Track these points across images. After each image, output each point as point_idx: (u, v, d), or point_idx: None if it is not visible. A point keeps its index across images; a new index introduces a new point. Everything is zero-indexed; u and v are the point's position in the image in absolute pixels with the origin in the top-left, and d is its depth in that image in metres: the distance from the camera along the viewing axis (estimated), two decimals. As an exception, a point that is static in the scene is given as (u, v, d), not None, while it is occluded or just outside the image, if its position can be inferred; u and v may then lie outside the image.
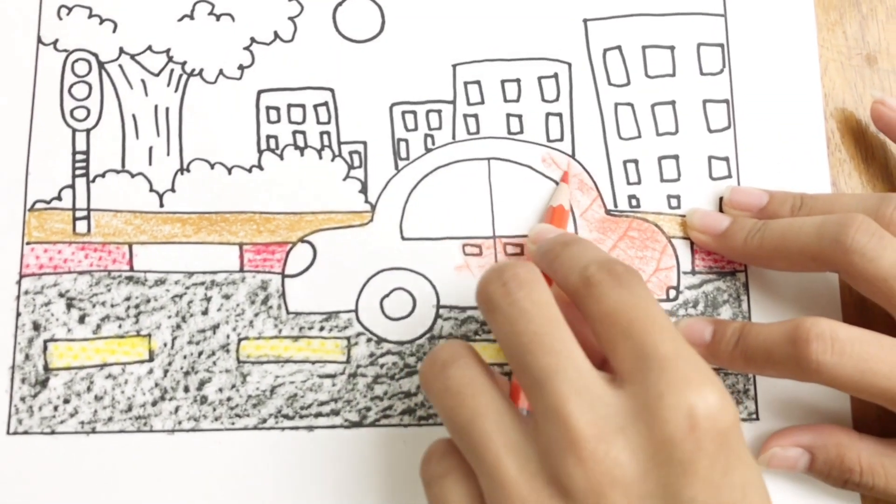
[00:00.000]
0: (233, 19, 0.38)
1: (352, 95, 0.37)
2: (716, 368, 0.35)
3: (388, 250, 0.36)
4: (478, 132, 0.37)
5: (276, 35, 0.38)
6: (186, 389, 0.35)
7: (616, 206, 0.37)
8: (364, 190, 0.37)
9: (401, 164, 0.37)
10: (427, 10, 0.38)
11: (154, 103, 0.37)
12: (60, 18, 0.38)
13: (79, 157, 0.37)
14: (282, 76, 0.37)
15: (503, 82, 0.38)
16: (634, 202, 0.37)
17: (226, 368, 0.35)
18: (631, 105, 0.38)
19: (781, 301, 0.36)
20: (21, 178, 0.36)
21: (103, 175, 0.36)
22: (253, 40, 0.38)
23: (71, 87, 0.37)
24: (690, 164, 0.37)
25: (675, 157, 0.37)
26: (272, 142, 0.37)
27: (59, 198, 0.36)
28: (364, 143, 0.37)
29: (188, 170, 0.37)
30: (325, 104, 0.37)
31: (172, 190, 0.36)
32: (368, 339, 0.35)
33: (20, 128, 0.37)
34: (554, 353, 0.26)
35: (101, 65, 0.37)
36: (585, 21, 0.38)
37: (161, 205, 0.36)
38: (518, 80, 0.38)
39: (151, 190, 0.36)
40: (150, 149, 0.37)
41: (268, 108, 0.37)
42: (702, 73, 0.38)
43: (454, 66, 0.38)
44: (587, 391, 0.25)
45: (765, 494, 0.26)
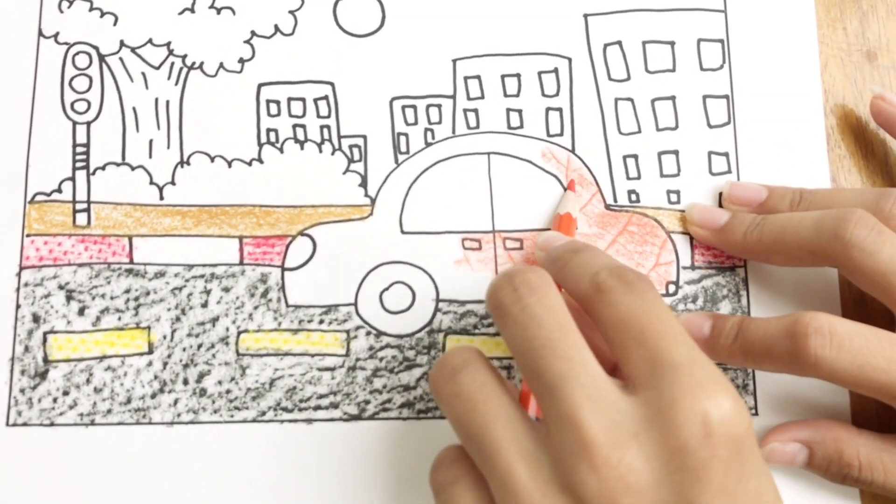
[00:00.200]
0: (233, 13, 0.38)
1: (352, 89, 0.37)
2: (715, 363, 0.35)
3: (387, 244, 0.36)
4: (478, 127, 0.37)
5: (277, 28, 0.38)
6: (185, 382, 0.35)
7: (616, 200, 0.37)
8: (364, 184, 0.37)
9: (401, 158, 0.37)
10: (427, 5, 0.38)
11: (154, 96, 0.37)
12: (61, 11, 0.38)
13: (79, 149, 0.37)
14: (282, 70, 0.37)
15: (503, 77, 0.38)
16: (634, 197, 0.37)
17: (225, 361, 0.35)
18: (631, 100, 0.38)
19: (781, 296, 0.36)
20: (21, 170, 0.36)
21: (103, 168, 0.36)
22: (253, 34, 0.38)
23: (71, 79, 0.37)
24: (690, 160, 0.37)
25: (675, 152, 0.37)
26: (272, 135, 0.37)
27: (59, 190, 0.36)
28: (364, 137, 0.37)
29: (188, 163, 0.37)
30: (326, 98, 0.37)
31: (172, 183, 0.36)
32: (368, 333, 0.35)
33: (20, 120, 0.37)
34: (566, 358, 0.26)
35: (102, 58, 0.37)
36: (586, 16, 0.38)
37: (161, 197, 0.36)
38: (518, 75, 0.38)
39: (151, 183, 0.36)
40: (151, 142, 0.37)
41: (268, 102, 0.37)
42: (702, 69, 0.38)
43: (454, 61, 0.38)
44: (600, 397, 0.25)
45: (779, 501, 0.26)
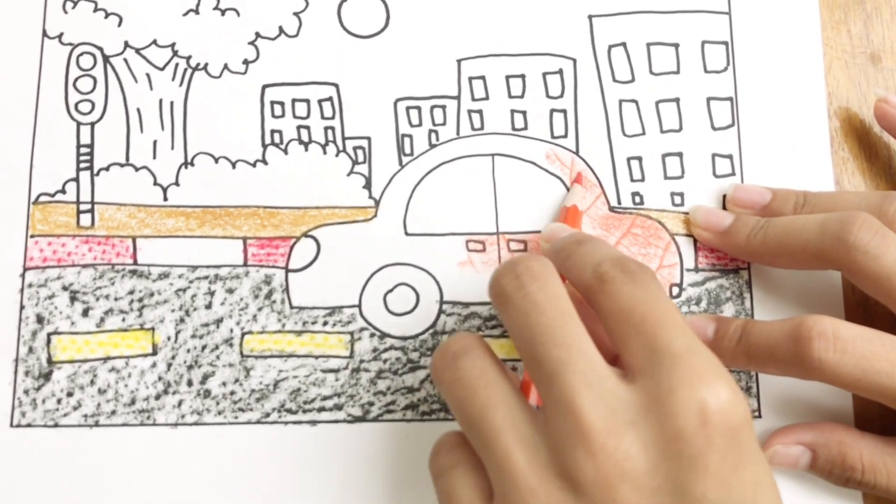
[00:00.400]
0: (238, 14, 0.38)
1: (356, 91, 0.37)
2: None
3: (391, 246, 0.36)
4: (482, 128, 0.37)
5: (281, 30, 0.38)
6: (190, 383, 0.35)
7: (620, 202, 0.37)
8: (368, 185, 0.37)
9: (405, 159, 0.37)
10: (432, 6, 0.38)
11: (159, 97, 0.37)
12: (66, 12, 0.38)
13: (83, 150, 0.37)
14: (286, 71, 0.37)
15: (508, 78, 0.38)
16: (638, 199, 0.37)
17: (229, 362, 0.35)
18: (635, 102, 0.38)
19: (784, 299, 0.36)
20: (25, 170, 0.36)
21: (107, 168, 0.36)
22: (258, 35, 0.38)
23: (76, 80, 0.37)
24: (694, 162, 0.37)
25: (679, 154, 0.37)
26: (276, 136, 0.37)
27: (63, 191, 0.36)
28: (368, 139, 0.37)
29: (192, 164, 0.37)
30: (330, 99, 0.37)
31: (176, 184, 0.36)
32: (372, 334, 0.35)
33: (25, 121, 0.37)
34: (566, 345, 0.26)
35: (106, 58, 0.37)
36: (590, 17, 0.38)
37: (165, 198, 0.36)
38: (523, 76, 0.38)
39: (155, 183, 0.36)
40: (155, 142, 0.37)
41: (272, 103, 0.37)
42: (706, 71, 0.38)
43: (459, 62, 0.38)
44: (598, 384, 0.25)
45: (775, 493, 0.26)
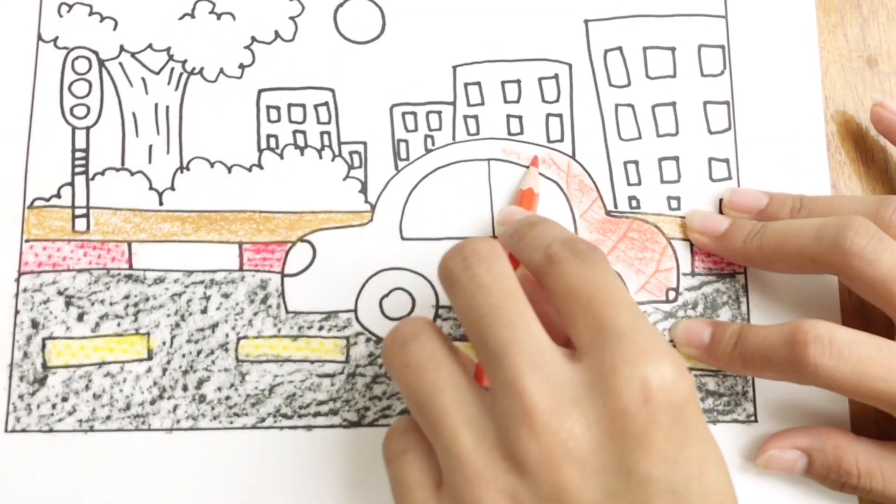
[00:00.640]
0: (234, 18, 0.38)
1: (352, 96, 0.37)
2: (714, 370, 0.35)
3: (387, 250, 0.36)
4: (478, 133, 0.37)
5: (277, 34, 0.38)
6: (185, 388, 0.35)
7: (616, 207, 0.37)
8: (364, 190, 0.37)
9: (401, 164, 0.37)
10: (428, 12, 0.38)
11: (154, 101, 0.37)
12: (61, 16, 0.38)
13: (78, 154, 0.37)
14: (282, 76, 0.37)
15: (503, 83, 0.38)
16: (634, 203, 0.37)
17: (224, 367, 0.35)
18: (631, 106, 0.38)
19: (780, 303, 0.36)
20: (20, 175, 0.36)
21: (103, 173, 0.36)
22: (254, 39, 0.38)
23: (71, 84, 0.37)
24: (690, 166, 0.37)
25: (676, 158, 0.37)
26: (272, 141, 0.37)
27: (58, 195, 0.36)
28: (364, 144, 0.37)
29: (188, 168, 0.37)
30: (326, 104, 0.37)
31: (172, 188, 0.36)
32: (367, 339, 0.35)
33: (20, 125, 0.37)
34: (511, 326, 0.26)
35: (102, 62, 0.37)
36: (586, 22, 0.38)
37: (160, 203, 0.36)
38: (518, 81, 0.38)
39: (151, 188, 0.36)
40: (150, 147, 0.37)
41: (268, 108, 0.37)
42: (702, 75, 0.38)
43: (454, 68, 0.38)
44: (544, 364, 0.25)
45: (723, 471, 0.25)
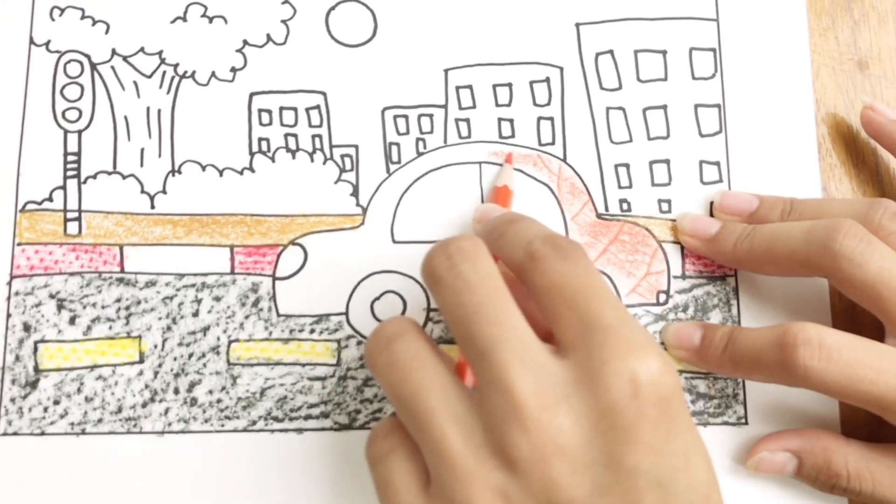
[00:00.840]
0: (225, 21, 0.38)
1: (344, 99, 0.37)
2: (705, 372, 0.35)
3: (378, 253, 0.36)
4: (469, 136, 0.37)
5: (269, 38, 0.38)
6: (176, 391, 0.35)
7: (607, 209, 0.37)
8: (355, 193, 0.37)
9: (392, 167, 0.37)
10: (419, 15, 0.38)
11: (146, 105, 0.37)
12: (53, 19, 0.38)
13: (70, 158, 0.37)
14: (274, 79, 0.37)
15: (495, 87, 0.38)
16: (625, 206, 0.37)
17: (216, 370, 0.35)
18: (622, 109, 0.38)
19: (771, 306, 0.36)
20: (12, 178, 0.36)
21: (95, 176, 0.36)
22: (245, 43, 0.38)
23: (63, 88, 0.37)
24: (681, 169, 0.37)
25: (667, 161, 0.37)
26: (264, 144, 0.37)
27: (50, 199, 0.36)
28: (356, 147, 0.37)
29: (179, 171, 0.37)
30: (318, 107, 0.37)
31: (164, 192, 0.36)
32: (359, 342, 0.35)
33: (12, 129, 0.37)
34: (497, 323, 0.26)
35: (94, 66, 0.37)
36: (578, 25, 0.38)
37: (152, 206, 0.36)
38: (510, 85, 0.38)
39: (143, 191, 0.36)
40: (142, 150, 0.37)
41: (260, 111, 0.37)
42: (694, 78, 0.38)
43: (446, 71, 0.38)
44: (531, 361, 0.25)
45: (707, 461, 0.26)
